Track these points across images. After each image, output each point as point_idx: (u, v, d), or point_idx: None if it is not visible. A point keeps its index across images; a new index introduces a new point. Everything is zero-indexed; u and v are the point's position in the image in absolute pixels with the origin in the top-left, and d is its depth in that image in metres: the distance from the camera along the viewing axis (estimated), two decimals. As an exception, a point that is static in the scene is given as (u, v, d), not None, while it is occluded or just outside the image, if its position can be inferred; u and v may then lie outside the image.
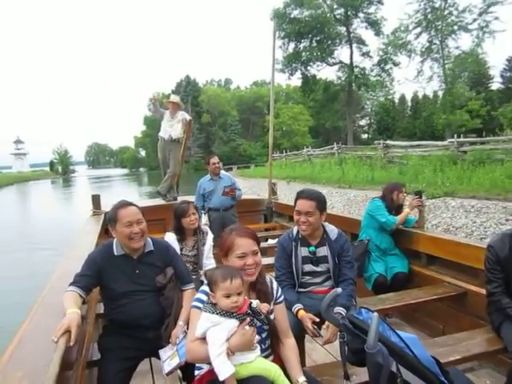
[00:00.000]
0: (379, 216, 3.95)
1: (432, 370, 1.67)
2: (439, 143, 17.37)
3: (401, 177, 14.41)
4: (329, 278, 2.81)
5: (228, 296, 1.81)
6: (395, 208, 4.07)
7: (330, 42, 39.95)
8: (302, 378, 1.91)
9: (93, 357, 2.57)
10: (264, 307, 1.92)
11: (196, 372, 1.99)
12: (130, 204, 2.52)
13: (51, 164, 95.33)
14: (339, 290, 1.96)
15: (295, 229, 2.86)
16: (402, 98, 59.06)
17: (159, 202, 7.36)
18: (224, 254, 2.02)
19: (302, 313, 2.55)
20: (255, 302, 1.90)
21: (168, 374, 2.34)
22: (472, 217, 8.71)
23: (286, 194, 13.07)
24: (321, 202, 2.74)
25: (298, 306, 2.60)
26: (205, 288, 1.98)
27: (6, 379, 1.54)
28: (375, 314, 1.68)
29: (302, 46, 40.69)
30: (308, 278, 2.81)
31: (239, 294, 1.84)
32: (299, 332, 2.55)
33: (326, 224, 2.87)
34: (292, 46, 40.32)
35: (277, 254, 2.89)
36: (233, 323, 1.81)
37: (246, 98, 74.09)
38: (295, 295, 2.72)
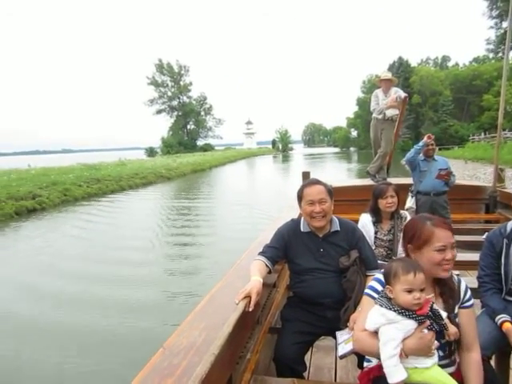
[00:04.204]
0: None
1: None
2: None
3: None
4: None
5: (410, 291, 1.52)
6: None
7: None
8: None
9: (276, 324, 2.59)
10: (452, 332, 1.58)
11: (365, 364, 1.77)
12: (317, 183, 2.38)
13: (273, 142, 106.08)
14: None
15: (510, 224, 2.25)
16: None
17: (368, 182, 6.94)
18: (417, 247, 1.67)
19: (508, 325, 1.99)
20: (444, 315, 1.56)
21: (341, 358, 2.17)
22: None
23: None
24: None
25: (503, 316, 2.04)
26: (379, 276, 1.71)
27: (192, 327, 1.71)
28: None
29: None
30: None
31: (422, 290, 1.53)
32: (503, 347, 2.02)
33: None
34: (505, 25, 34.58)
35: (483, 250, 2.31)
36: (411, 324, 1.52)
37: (462, 76, 64.92)
38: (501, 303, 2.15)
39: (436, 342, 1.54)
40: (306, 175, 6.19)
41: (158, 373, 1.38)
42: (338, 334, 2.23)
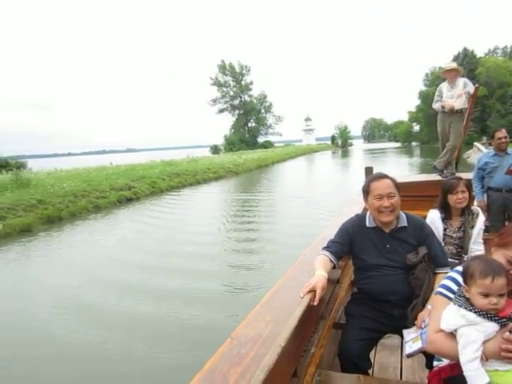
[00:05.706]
0: None
1: None
2: None
3: None
4: None
5: (486, 295, 1.40)
6: None
7: None
8: None
9: (340, 319, 2.52)
10: None
11: (435, 363, 1.67)
12: (385, 177, 2.27)
13: (332, 138, 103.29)
14: None
15: None
16: None
17: (435, 177, 6.40)
18: (498, 244, 1.58)
19: None
20: None
21: (408, 356, 2.06)
22: None
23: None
24: None
25: None
26: (453, 275, 1.61)
27: (258, 319, 1.72)
28: None
29: None
30: None
31: (501, 295, 1.39)
32: None
33: None
34: None
35: None
36: (492, 327, 1.39)
37: (536, 64, 59.61)
38: None
39: None
40: (368, 170, 5.93)
41: (228, 361, 1.40)
42: (405, 332, 2.11)
